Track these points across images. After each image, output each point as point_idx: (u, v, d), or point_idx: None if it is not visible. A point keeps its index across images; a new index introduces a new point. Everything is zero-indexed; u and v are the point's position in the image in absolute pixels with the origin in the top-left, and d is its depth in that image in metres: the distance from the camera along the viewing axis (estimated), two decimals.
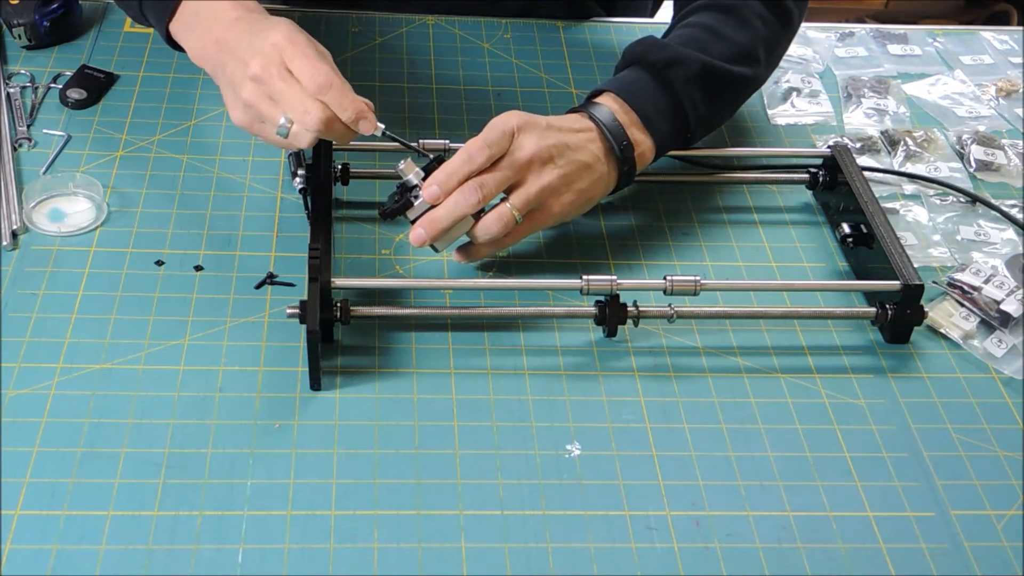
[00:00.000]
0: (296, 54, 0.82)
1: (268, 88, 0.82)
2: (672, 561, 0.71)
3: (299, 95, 0.81)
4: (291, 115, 0.81)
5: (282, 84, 0.82)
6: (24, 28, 1.07)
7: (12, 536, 0.68)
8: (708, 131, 0.99)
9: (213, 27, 0.89)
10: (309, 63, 0.81)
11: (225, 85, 0.87)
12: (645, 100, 0.91)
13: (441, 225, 0.84)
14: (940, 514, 0.75)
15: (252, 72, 0.83)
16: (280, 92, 0.82)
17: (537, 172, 0.86)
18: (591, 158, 0.88)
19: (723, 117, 1.01)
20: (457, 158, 0.85)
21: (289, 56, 0.82)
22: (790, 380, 0.84)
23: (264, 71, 0.82)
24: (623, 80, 0.93)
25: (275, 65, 0.82)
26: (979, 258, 0.94)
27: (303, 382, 0.79)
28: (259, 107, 0.83)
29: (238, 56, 0.85)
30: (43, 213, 0.91)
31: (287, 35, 0.83)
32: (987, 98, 1.16)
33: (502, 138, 0.85)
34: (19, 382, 0.77)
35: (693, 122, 0.93)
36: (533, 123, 0.87)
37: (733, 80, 0.95)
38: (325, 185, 0.89)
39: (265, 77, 0.82)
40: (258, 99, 0.83)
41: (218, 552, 0.69)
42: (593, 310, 0.85)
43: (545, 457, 0.76)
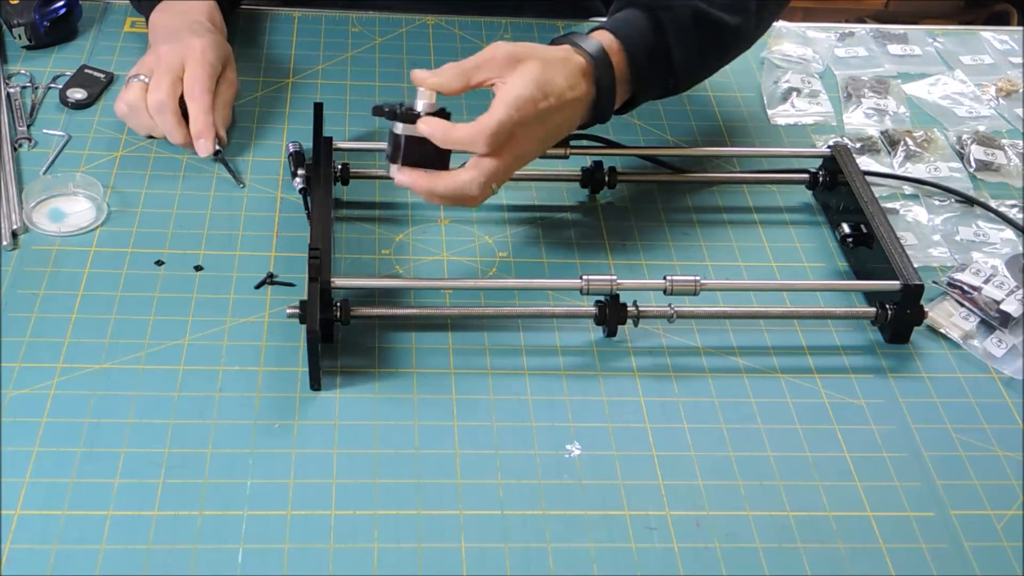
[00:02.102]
0: (199, 62, 0.95)
1: (157, 63, 0.95)
2: (672, 561, 0.71)
3: (167, 80, 0.94)
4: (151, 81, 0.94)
5: (165, 68, 0.95)
6: (24, 28, 1.07)
7: (12, 536, 0.68)
8: (693, 79, 0.98)
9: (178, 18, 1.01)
10: (200, 73, 0.95)
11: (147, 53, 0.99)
12: (637, 42, 0.90)
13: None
14: (940, 514, 0.75)
15: (160, 54, 0.96)
16: (159, 70, 0.95)
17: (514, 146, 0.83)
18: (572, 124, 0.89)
19: (709, 66, 1.00)
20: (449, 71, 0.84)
21: (192, 60, 0.95)
22: (790, 380, 0.84)
23: (167, 55, 0.96)
24: (620, 20, 0.91)
25: (176, 56, 0.95)
26: (979, 258, 0.94)
27: (303, 382, 0.79)
28: (142, 69, 0.96)
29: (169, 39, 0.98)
30: (43, 213, 0.91)
31: (205, 45, 0.97)
32: (987, 98, 1.16)
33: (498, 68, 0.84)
34: (19, 382, 0.77)
35: (680, 67, 0.92)
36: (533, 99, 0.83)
37: (724, 28, 0.95)
38: (325, 185, 0.89)
39: (163, 58, 0.96)
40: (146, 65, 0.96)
41: (218, 552, 0.69)
42: (593, 310, 0.85)
43: (545, 457, 0.76)
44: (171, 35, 0.99)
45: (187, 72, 0.95)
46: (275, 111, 1.04)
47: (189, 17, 1.01)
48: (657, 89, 0.95)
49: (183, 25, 0.99)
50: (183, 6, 1.03)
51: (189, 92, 0.94)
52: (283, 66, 1.10)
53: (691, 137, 1.07)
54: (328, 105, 1.00)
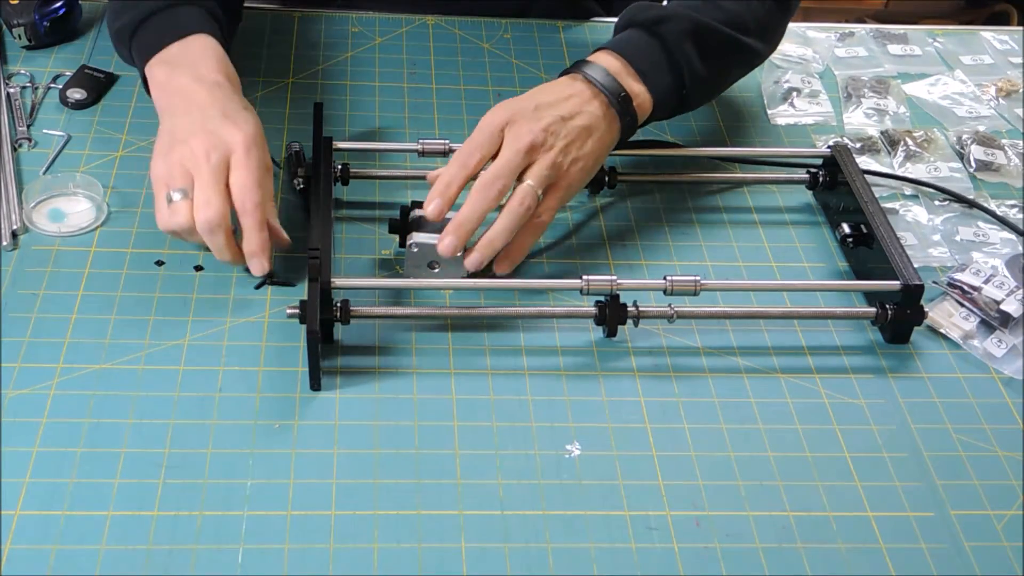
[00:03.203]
0: (245, 165, 0.83)
1: (197, 166, 0.82)
2: (672, 561, 0.71)
3: (216, 192, 0.82)
4: (196, 196, 0.81)
5: (209, 175, 0.82)
6: (24, 28, 1.07)
7: (12, 536, 0.68)
8: (706, 94, 0.98)
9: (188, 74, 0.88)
10: (250, 180, 0.82)
11: (167, 131, 0.86)
12: (639, 53, 0.92)
13: (468, 226, 0.84)
14: (940, 514, 0.75)
15: (194, 148, 0.83)
16: (203, 178, 0.82)
17: (542, 152, 0.86)
18: (589, 120, 0.89)
19: (720, 80, 1.00)
20: (451, 166, 0.86)
21: (237, 161, 0.83)
22: (790, 380, 0.84)
23: (205, 154, 0.82)
24: (617, 39, 0.94)
25: (219, 156, 0.82)
26: (979, 258, 0.94)
27: (303, 382, 0.79)
28: (176, 172, 0.83)
29: (196, 122, 0.85)
30: (43, 213, 0.91)
31: (249, 140, 0.83)
32: (987, 98, 1.16)
33: (491, 138, 0.86)
34: (19, 382, 0.77)
35: (688, 77, 0.93)
36: (521, 111, 0.87)
37: (727, 41, 0.95)
38: (325, 185, 0.89)
39: (202, 159, 0.82)
40: (180, 167, 0.83)
41: (218, 552, 0.69)
42: (593, 310, 0.85)
43: (545, 457, 0.76)
44: (196, 114, 0.86)
45: (234, 179, 0.82)
46: (275, 111, 1.04)
47: (206, 77, 0.88)
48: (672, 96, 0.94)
49: (204, 96, 0.87)
50: (188, 57, 0.90)
51: (240, 206, 0.82)
52: (283, 66, 1.10)
53: (691, 137, 1.07)
54: (328, 105, 1.00)
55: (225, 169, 0.83)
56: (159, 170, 0.84)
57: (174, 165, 0.83)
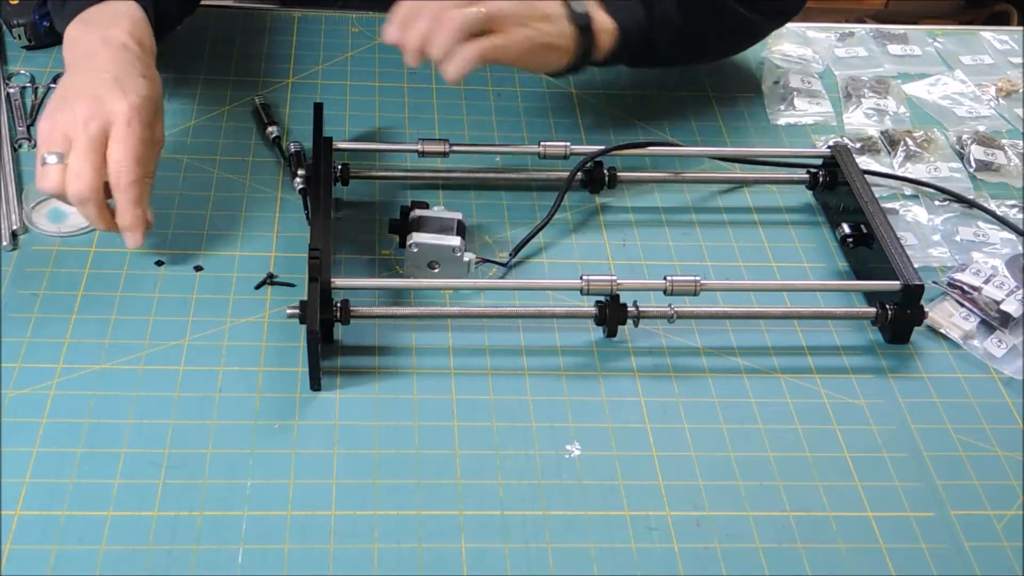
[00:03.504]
0: (124, 138, 0.80)
1: (75, 133, 0.80)
2: (672, 561, 0.71)
3: (88, 164, 0.80)
4: (70, 164, 0.80)
5: (85, 144, 0.80)
6: (24, 28, 1.07)
7: (12, 536, 0.68)
8: (679, 46, 0.98)
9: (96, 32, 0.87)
10: (128, 155, 0.80)
11: (61, 89, 0.85)
12: None
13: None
14: (940, 514, 0.75)
15: (76, 112, 0.81)
16: (79, 147, 0.80)
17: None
18: (550, 10, 0.89)
19: (696, 37, 1.00)
20: None
21: (117, 134, 0.81)
22: (790, 380, 0.84)
23: (84, 121, 0.80)
24: None
25: (98, 125, 0.80)
26: (979, 258, 0.94)
27: (303, 382, 0.79)
28: (55, 134, 0.81)
29: (87, 84, 0.83)
30: (43, 213, 0.91)
31: (132, 110, 0.81)
32: (987, 98, 1.16)
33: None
34: (19, 382, 0.77)
35: (659, 21, 0.93)
36: None
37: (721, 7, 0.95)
38: (325, 185, 0.89)
39: (80, 126, 0.80)
40: (60, 129, 0.81)
41: (218, 552, 0.69)
42: (593, 310, 0.85)
43: (545, 457, 0.76)
44: (90, 76, 0.83)
45: (111, 151, 0.80)
46: (275, 111, 1.04)
47: (111, 39, 0.86)
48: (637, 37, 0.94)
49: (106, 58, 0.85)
50: (103, 18, 0.88)
51: (115, 182, 0.81)
52: (283, 66, 1.10)
53: (691, 137, 1.07)
54: (328, 105, 1.00)
55: (103, 139, 0.80)
56: (43, 128, 0.82)
57: (56, 126, 0.81)
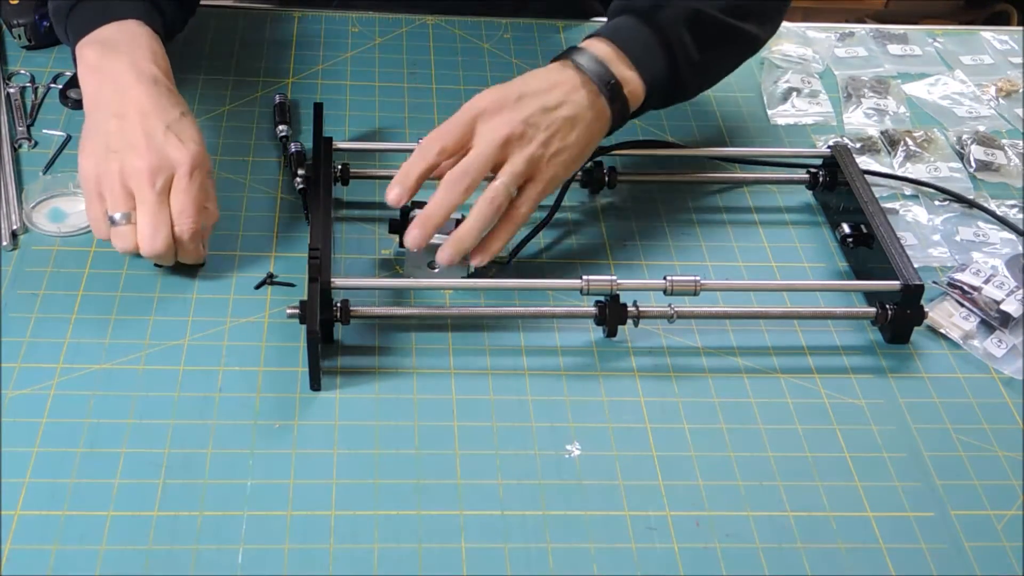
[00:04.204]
0: (187, 189, 0.81)
1: (140, 189, 0.80)
2: (672, 561, 0.71)
3: (163, 222, 0.80)
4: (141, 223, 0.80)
5: (155, 203, 0.80)
6: (24, 28, 1.07)
7: (12, 536, 0.68)
8: (701, 81, 0.97)
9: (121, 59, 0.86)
10: (191, 206, 0.81)
11: (101, 131, 0.83)
12: (632, 40, 0.90)
13: (435, 220, 0.83)
14: (940, 514, 0.75)
15: (138, 167, 0.80)
16: (148, 205, 0.80)
17: (519, 145, 0.84)
18: (575, 109, 0.87)
19: (716, 68, 0.99)
20: (414, 154, 0.85)
21: (179, 184, 0.81)
22: (790, 380, 0.84)
23: (150, 177, 0.80)
24: (611, 25, 0.92)
25: (163, 181, 0.81)
26: (979, 258, 0.94)
27: (303, 382, 0.79)
28: (115, 187, 0.81)
29: (136, 131, 0.82)
30: (43, 213, 0.91)
31: (194, 161, 0.81)
32: (987, 98, 1.16)
33: (459, 127, 0.84)
34: (19, 382, 0.77)
35: (683, 64, 0.91)
36: (503, 99, 0.85)
37: (724, 28, 0.94)
38: (325, 185, 0.89)
39: (146, 183, 0.80)
40: (118, 180, 0.81)
41: (218, 552, 0.69)
42: (593, 310, 0.85)
43: (545, 457, 0.76)
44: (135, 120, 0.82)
45: (174, 202, 0.81)
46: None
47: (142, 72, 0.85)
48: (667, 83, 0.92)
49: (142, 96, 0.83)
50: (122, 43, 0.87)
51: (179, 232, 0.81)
52: (283, 66, 1.10)
53: (691, 137, 1.07)
54: (328, 105, 1.00)
55: (168, 193, 0.81)
56: (91, 172, 0.81)
57: (114, 178, 0.80)
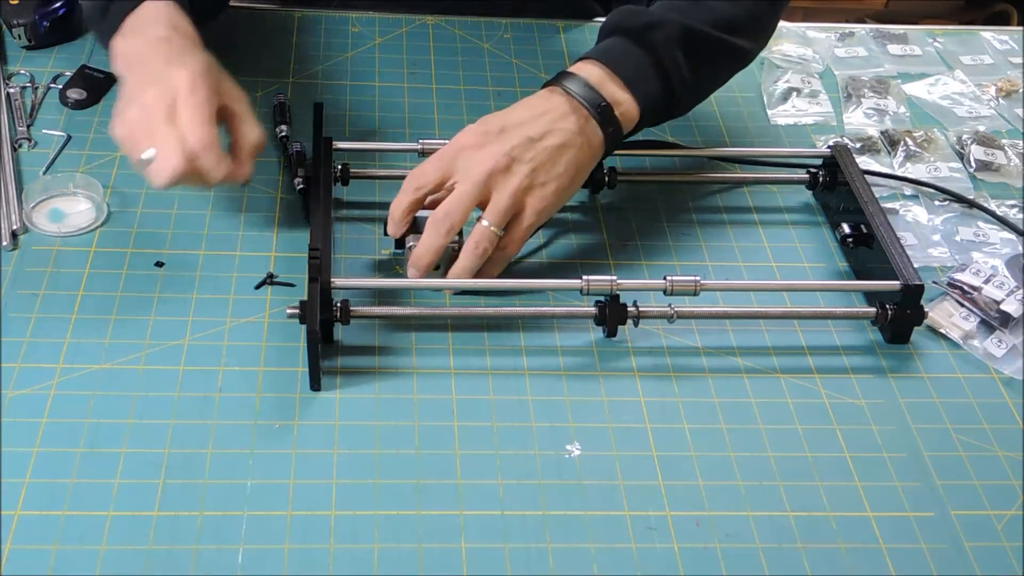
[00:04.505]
0: (188, 104, 0.81)
1: (150, 120, 0.81)
2: (672, 561, 0.71)
3: (172, 142, 0.80)
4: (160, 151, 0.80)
5: (162, 125, 0.81)
6: (24, 28, 1.07)
7: (12, 536, 0.68)
8: (695, 98, 0.97)
9: (140, 37, 0.87)
10: (194, 119, 0.81)
11: (122, 96, 0.85)
12: (624, 61, 0.89)
13: (424, 261, 0.84)
14: (940, 514, 0.75)
15: (144, 100, 0.82)
16: (158, 131, 0.81)
17: (502, 179, 0.84)
18: (564, 137, 0.86)
19: (710, 84, 0.99)
20: (401, 190, 0.86)
21: (181, 104, 0.81)
22: (790, 380, 0.84)
23: (153, 104, 0.81)
24: (601, 47, 0.92)
25: (165, 103, 0.81)
26: (979, 258, 0.94)
27: (303, 382, 0.79)
28: (136, 132, 0.82)
29: (142, 77, 0.84)
30: (43, 213, 0.91)
31: (191, 79, 0.82)
32: (987, 98, 1.16)
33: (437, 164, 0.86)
34: (19, 382, 0.77)
35: (677, 83, 0.91)
36: (484, 135, 0.86)
37: (716, 45, 0.93)
38: (325, 185, 0.89)
39: (152, 110, 0.81)
40: (138, 125, 0.82)
41: (218, 552, 0.69)
42: (593, 310, 0.85)
43: (545, 457, 0.76)
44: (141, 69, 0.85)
45: (180, 119, 0.81)
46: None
47: (151, 38, 0.87)
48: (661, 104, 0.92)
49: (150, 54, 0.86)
50: (141, 24, 0.89)
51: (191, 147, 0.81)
52: (283, 66, 1.10)
53: (691, 137, 1.07)
54: (328, 105, 1.00)
55: (172, 116, 0.81)
56: (120, 131, 0.83)
57: (133, 124, 0.82)
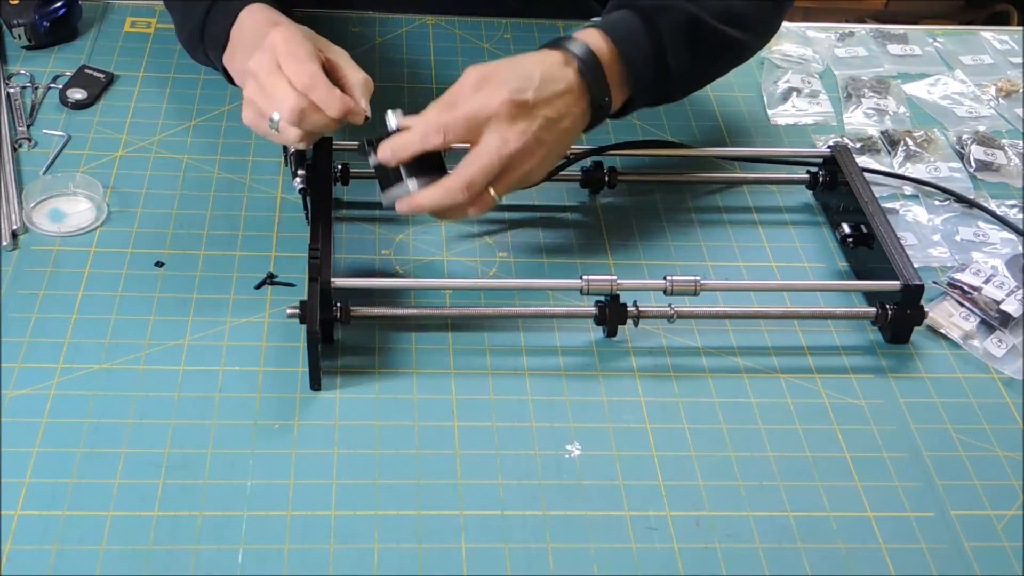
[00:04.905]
0: (286, 53, 0.85)
1: (260, 83, 0.85)
2: (672, 561, 0.71)
3: (283, 89, 0.84)
4: (277, 110, 0.84)
5: (269, 79, 0.85)
6: (24, 28, 1.07)
7: (12, 536, 0.68)
8: (687, 87, 0.98)
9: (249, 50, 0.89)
10: (295, 62, 0.84)
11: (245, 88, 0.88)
12: (631, 40, 0.89)
13: (423, 211, 0.84)
14: (940, 514, 0.75)
15: (250, 69, 0.86)
16: (268, 87, 0.85)
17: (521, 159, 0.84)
18: (573, 122, 0.87)
19: (707, 74, 0.99)
20: (415, 133, 0.84)
21: (281, 55, 0.85)
22: (790, 380, 0.84)
23: (258, 68, 0.85)
24: (611, 19, 0.91)
25: (268, 62, 0.85)
26: (979, 258, 0.94)
27: (303, 382, 0.79)
28: (257, 102, 0.86)
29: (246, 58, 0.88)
30: (43, 213, 0.91)
31: (283, 34, 0.86)
32: (987, 98, 1.16)
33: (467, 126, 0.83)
34: (19, 382, 0.77)
35: (675, 72, 0.91)
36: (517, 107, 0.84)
37: (720, 37, 0.93)
38: (325, 185, 0.89)
39: (258, 73, 0.85)
40: (254, 94, 0.86)
41: (218, 552, 0.69)
42: (593, 310, 0.85)
43: (545, 457, 0.76)
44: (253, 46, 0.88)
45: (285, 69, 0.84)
46: None
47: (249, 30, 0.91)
48: (653, 91, 0.93)
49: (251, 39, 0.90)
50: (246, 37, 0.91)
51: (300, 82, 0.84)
52: None
53: (691, 137, 1.07)
54: None
55: (277, 70, 0.85)
56: (245, 114, 0.87)
57: (252, 97, 0.86)
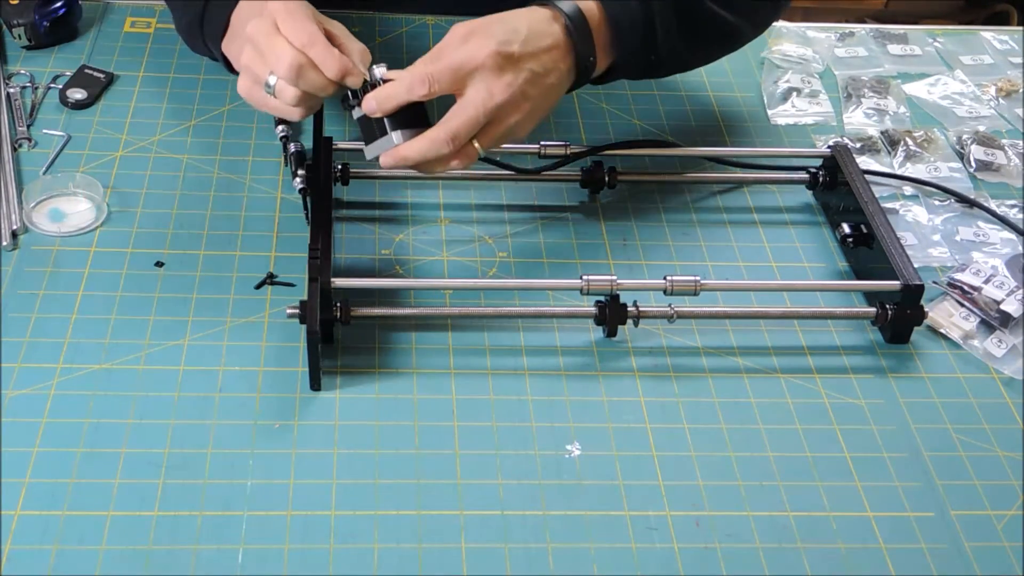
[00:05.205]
0: (285, 15, 0.82)
1: (258, 45, 0.83)
2: (672, 561, 0.71)
3: (281, 46, 0.81)
4: (274, 69, 0.82)
5: (267, 40, 0.82)
6: (24, 28, 1.07)
7: (12, 536, 0.68)
8: (676, 65, 0.98)
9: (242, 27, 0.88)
10: (294, 22, 0.82)
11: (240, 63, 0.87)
12: (620, 8, 0.88)
13: (408, 163, 0.82)
14: (940, 514, 0.75)
15: (248, 34, 0.84)
16: (265, 48, 0.82)
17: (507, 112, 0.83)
18: (559, 78, 0.86)
19: (696, 56, 0.99)
20: (400, 84, 0.82)
21: (280, 18, 0.82)
22: (790, 380, 0.84)
23: (255, 30, 0.83)
24: None
25: (266, 25, 0.83)
26: (979, 258, 0.94)
27: (303, 382, 0.79)
28: (253, 67, 0.84)
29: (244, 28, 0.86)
30: (43, 213, 0.91)
31: (285, 3, 0.83)
32: (987, 98, 1.16)
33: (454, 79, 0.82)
34: (19, 382, 0.77)
35: (663, 49, 0.91)
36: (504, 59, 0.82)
37: (712, 18, 0.93)
38: (325, 185, 0.89)
39: (256, 35, 0.83)
40: (251, 60, 0.84)
41: (218, 552, 0.69)
42: (593, 310, 0.85)
43: (545, 457, 0.76)
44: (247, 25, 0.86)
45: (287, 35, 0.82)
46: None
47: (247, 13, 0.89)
48: (639, 60, 0.92)
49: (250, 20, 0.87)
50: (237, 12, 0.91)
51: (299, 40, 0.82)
52: None
53: (691, 137, 1.07)
54: (328, 105, 1.00)
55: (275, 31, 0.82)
56: (240, 84, 0.85)
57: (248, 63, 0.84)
